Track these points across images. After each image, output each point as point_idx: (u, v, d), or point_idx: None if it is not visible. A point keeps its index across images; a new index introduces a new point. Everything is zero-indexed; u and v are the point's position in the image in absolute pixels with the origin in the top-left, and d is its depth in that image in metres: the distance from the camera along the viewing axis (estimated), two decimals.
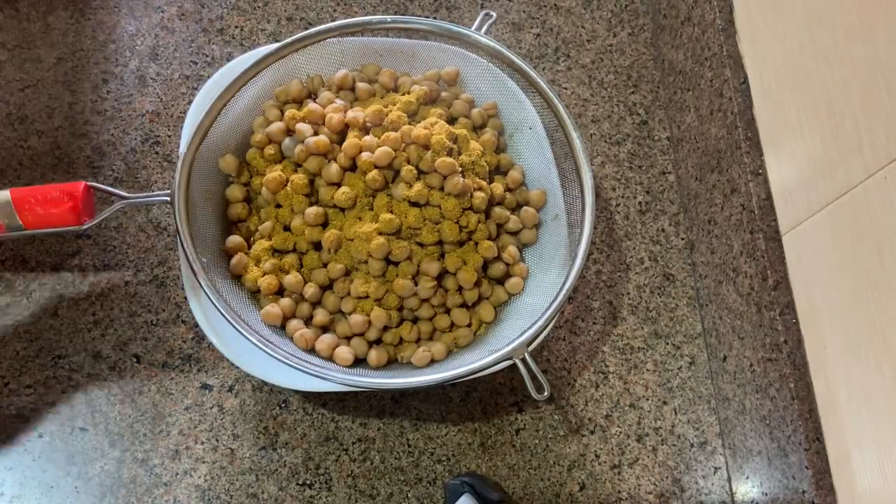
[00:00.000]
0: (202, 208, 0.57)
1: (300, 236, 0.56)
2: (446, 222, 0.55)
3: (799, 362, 0.53)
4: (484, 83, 0.64)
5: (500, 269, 0.59)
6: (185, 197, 0.54)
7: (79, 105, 0.69)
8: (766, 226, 0.57)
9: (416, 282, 0.56)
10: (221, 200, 0.59)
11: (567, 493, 0.60)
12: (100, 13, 0.73)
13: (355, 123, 0.57)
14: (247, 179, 0.60)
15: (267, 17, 0.75)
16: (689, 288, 0.68)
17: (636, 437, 0.62)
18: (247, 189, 0.59)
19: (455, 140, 0.57)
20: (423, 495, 0.59)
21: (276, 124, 0.58)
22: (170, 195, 0.54)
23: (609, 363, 0.65)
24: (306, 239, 0.56)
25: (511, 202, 0.61)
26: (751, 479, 0.59)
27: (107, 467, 0.58)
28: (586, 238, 0.55)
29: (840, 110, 0.50)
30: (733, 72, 0.62)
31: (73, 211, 0.53)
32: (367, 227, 0.54)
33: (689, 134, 0.70)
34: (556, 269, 0.58)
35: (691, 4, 0.69)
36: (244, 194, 0.59)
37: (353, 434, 0.60)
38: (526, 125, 0.63)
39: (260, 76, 0.58)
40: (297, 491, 0.58)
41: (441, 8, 0.77)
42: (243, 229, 0.59)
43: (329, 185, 0.56)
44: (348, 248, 0.55)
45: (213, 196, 0.59)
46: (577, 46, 0.77)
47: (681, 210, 0.71)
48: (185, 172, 0.55)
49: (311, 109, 0.58)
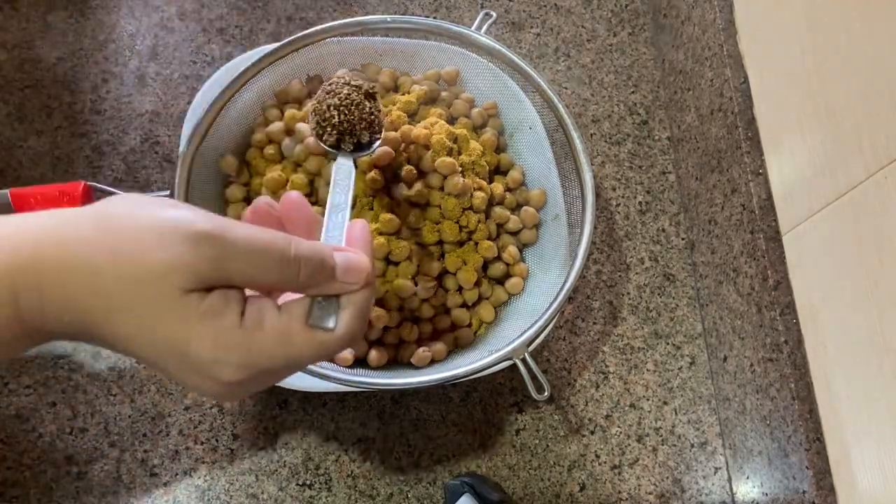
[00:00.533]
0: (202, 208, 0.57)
1: None
2: (446, 222, 0.55)
3: (799, 362, 0.53)
4: (484, 83, 0.64)
5: (500, 269, 0.59)
6: (184, 197, 0.54)
7: (78, 105, 0.69)
8: (767, 226, 0.57)
9: (417, 282, 0.56)
10: (221, 201, 0.59)
11: (567, 493, 0.60)
12: (99, 13, 0.73)
13: None
14: (247, 179, 0.60)
15: (267, 17, 0.75)
16: (689, 288, 0.68)
17: (636, 438, 0.62)
18: (247, 189, 0.59)
19: (455, 140, 0.57)
20: (423, 495, 0.59)
21: (276, 124, 0.58)
22: (169, 195, 0.54)
23: (609, 363, 0.65)
24: None
25: (511, 202, 0.61)
26: (751, 479, 0.59)
27: (107, 467, 0.58)
28: (587, 238, 0.55)
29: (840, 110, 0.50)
30: (733, 72, 0.62)
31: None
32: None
33: (689, 134, 0.70)
34: (556, 269, 0.58)
35: (691, 4, 0.69)
36: (244, 194, 0.59)
37: (353, 434, 0.60)
38: (526, 125, 0.62)
39: (260, 76, 0.58)
40: (297, 491, 0.58)
41: (441, 8, 0.77)
42: None
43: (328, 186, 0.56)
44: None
45: (213, 196, 0.58)
46: (578, 46, 0.77)
47: (681, 210, 0.71)
48: (184, 172, 0.55)
49: None
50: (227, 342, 0.27)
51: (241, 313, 0.28)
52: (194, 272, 0.26)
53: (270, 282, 0.28)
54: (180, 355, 0.27)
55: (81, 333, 0.27)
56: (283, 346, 0.28)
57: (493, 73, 0.63)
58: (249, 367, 0.28)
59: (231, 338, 0.27)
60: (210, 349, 0.27)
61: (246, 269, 0.27)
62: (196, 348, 0.27)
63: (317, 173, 0.57)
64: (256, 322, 0.28)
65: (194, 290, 0.26)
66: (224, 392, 0.29)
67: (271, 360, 0.28)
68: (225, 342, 0.27)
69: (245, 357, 0.27)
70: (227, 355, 0.27)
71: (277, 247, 0.28)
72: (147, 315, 0.26)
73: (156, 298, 0.26)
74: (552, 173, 0.60)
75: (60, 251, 0.26)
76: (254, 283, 0.28)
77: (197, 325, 0.26)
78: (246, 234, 0.27)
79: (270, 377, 0.30)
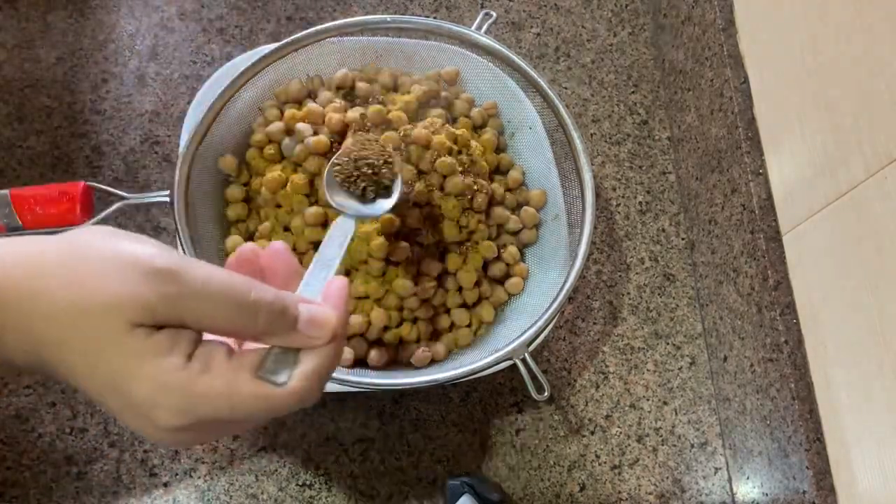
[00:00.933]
0: (202, 208, 0.57)
1: (300, 236, 0.56)
2: (446, 222, 0.55)
3: (799, 362, 0.53)
4: (484, 83, 0.64)
5: (500, 268, 0.59)
6: (184, 197, 0.54)
7: (78, 105, 0.69)
8: (767, 226, 0.57)
9: (416, 282, 0.56)
10: (221, 201, 0.59)
11: (567, 493, 0.60)
12: (99, 13, 0.73)
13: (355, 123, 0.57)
14: (246, 179, 0.60)
15: (267, 17, 0.75)
16: (689, 288, 0.68)
17: (636, 438, 0.62)
18: (246, 189, 0.59)
19: (455, 140, 0.57)
20: (423, 495, 0.59)
21: (275, 124, 0.58)
22: (169, 195, 0.54)
23: (609, 363, 0.65)
24: (306, 239, 0.56)
25: (511, 202, 0.61)
26: (751, 479, 0.59)
27: (107, 467, 0.58)
28: (586, 238, 0.55)
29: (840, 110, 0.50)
30: (734, 71, 0.62)
31: (72, 210, 0.53)
32: (367, 226, 0.54)
33: (689, 134, 0.70)
34: (556, 269, 0.58)
35: (691, 4, 0.69)
36: (243, 194, 0.59)
37: (353, 434, 0.60)
38: (526, 125, 0.62)
39: (260, 76, 0.58)
40: (297, 491, 0.58)
41: (441, 8, 0.77)
42: (242, 229, 0.59)
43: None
44: (348, 248, 0.55)
45: (213, 196, 0.58)
46: (578, 46, 0.77)
47: (681, 210, 0.71)
48: (184, 172, 0.55)
49: (310, 109, 0.58)
50: (166, 383, 0.26)
51: (189, 355, 0.26)
52: (145, 307, 0.25)
53: (226, 325, 0.27)
54: (120, 392, 0.26)
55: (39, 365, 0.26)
56: (227, 395, 0.26)
57: (493, 73, 0.63)
58: (188, 412, 0.26)
59: (172, 378, 0.26)
60: (149, 389, 0.25)
61: (201, 309, 0.26)
62: (136, 387, 0.25)
63: (317, 173, 0.57)
64: (203, 365, 0.26)
65: (143, 325, 0.26)
66: (164, 438, 0.27)
67: (214, 410, 0.26)
68: (164, 382, 0.25)
69: (184, 401, 0.26)
70: (165, 397, 0.26)
71: (236, 290, 0.27)
72: (90, 347, 0.25)
73: (101, 329, 0.25)
74: (552, 173, 0.60)
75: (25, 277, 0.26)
76: (209, 326, 0.27)
77: (139, 362, 0.25)
78: (205, 274, 0.26)
79: (216, 428, 0.28)
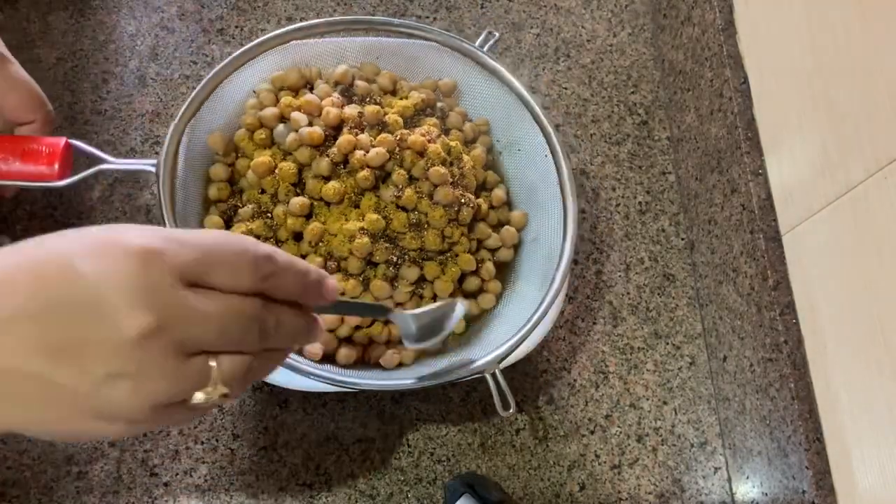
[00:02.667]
0: (187, 185, 0.56)
1: (282, 225, 0.56)
2: (431, 231, 0.55)
3: (799, 362, 0.53)
4: (479, 99, 0.64)
5: (475, 283, 0.59)
6: (171, 169, 0.54)
7: (79, 105, 0.69)
8: (767, 226, 0.57)
9: (393, 285, 0.56)
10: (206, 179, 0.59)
11: (567, 493, 0.60)
12: (100, 13, 0.73)
13: (351, 120, 0.57)
14: (232, 160, 0.59)
15: (267, 17, 0.75)
16: (689, 288, 0.68)
17: (636, 438, 0.62)
18: (231, 170, 0.59)
19: (449, 151, 0.57)
20: (423, 495, 0.59)
21: (269, 109, 0.58)
22: (155, 165, 0.54)
23: (609, 363, 0.65)
24: (288, 228, 0.55)
25: (493, 219, 0.61)
26: (751, 479, 0.59)
27: (107, 467, 0.58)
28: (563, 267, 0.56)
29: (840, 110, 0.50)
30: (733, 72, 0.62)
31: (50, 164, 0.53)
32: (352, 224, 0.54)
33: (689, 134, 0.70)
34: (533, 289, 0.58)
35: (691, 4, 0.69)
36: (228, 175, 0.58)
37: (353, 434, 0.60)
38: (516, 146, 0.63)
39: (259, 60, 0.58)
40: (297, 491, 0.58)
41: (441, 8, 0.77)
42: (223, 210, 0.58)
43: (317, 178, 0.56)
44: (330, 243, 0.55)
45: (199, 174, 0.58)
46: (577, 46, 0.77)
47: (681, 210, 0.71)
48: (174, 142, 0.54)
49: (308, 100, 0.57)
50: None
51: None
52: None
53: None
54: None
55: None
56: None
57: (490, 90, 0.63)
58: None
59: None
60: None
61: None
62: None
63: (306, 164, 0.56)
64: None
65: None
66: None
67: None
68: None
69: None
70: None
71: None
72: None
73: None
74: (536, 196, 0.61)
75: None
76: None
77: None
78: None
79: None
